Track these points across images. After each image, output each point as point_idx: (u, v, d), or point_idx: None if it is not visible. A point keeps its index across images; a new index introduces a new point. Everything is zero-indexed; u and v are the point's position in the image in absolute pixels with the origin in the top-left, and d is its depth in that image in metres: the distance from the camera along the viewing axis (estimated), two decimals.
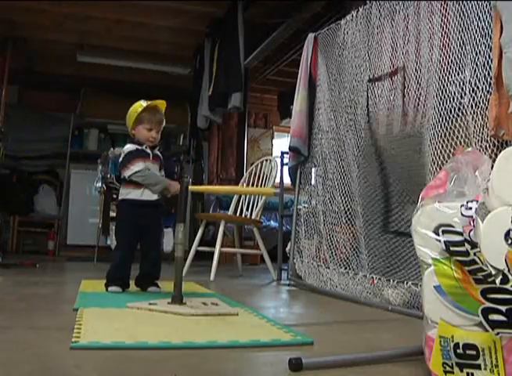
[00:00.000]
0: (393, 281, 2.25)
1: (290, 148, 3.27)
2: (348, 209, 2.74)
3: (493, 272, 0.97)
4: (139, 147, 2.48)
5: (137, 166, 2.41)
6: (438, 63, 2.13)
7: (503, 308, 0.94)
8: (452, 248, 1.00)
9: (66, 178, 6.14)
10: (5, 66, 5.32)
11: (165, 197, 2.52)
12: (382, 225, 2.53)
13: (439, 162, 2.03)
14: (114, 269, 2.42)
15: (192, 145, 6.45)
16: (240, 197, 4.01)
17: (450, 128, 2.04)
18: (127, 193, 2.47)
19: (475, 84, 1.93)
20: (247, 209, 3.88)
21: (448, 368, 1.01)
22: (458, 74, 2.01)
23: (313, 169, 3.21)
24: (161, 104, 2.55)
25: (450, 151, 2.02)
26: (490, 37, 1.85)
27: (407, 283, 2.15)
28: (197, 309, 1.84)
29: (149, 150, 2.50)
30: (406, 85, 2.33)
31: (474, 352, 0.98)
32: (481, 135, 1.89)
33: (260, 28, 5.02)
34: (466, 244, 0.99)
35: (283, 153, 3.68)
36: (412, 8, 2.34)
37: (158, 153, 2.56)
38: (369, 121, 2.58)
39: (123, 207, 2.54)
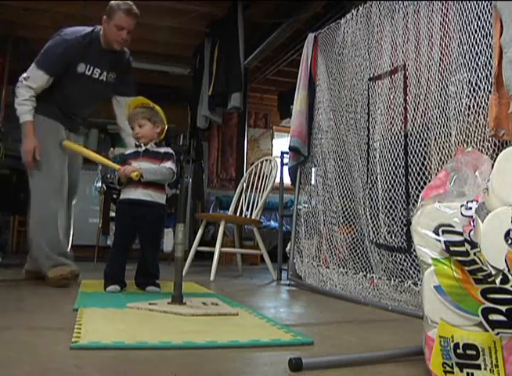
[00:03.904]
0: (394, 280, 2.25)
1: (290, 148, 3.27)
2: (347, 209, 2.74)
3: (493, 272, 0.97)
4: (131, 150, 2.57)
5: None
6: (440, 62, 2.14)
7: (503, 308, 0.94)
8: (452, 248, 1.00)
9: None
10: (5, 66, 5.32)
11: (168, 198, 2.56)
12: None
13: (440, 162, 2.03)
14: (108, 268, 2.45)
15: (192, 145, 6.45)
16: (240, 196, 4.01)
17: (451, 127, 2.04)
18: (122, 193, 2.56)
19: (476, 84, 1.93)
20: (247, 209, 3.88)
21: (448, 368, 1.01)
22: (460, 74, 2.01)
23: (313, 169, 3.21)
24: (133, 101, 2.58)
25: (451, 150, 2.02)
26: (492, 37, 1.85)
27: (407, 282, 2.16)
28: (197, 309, 1.84)
29: (141, 149, 2.52)
30: (408, 84, 2.33)
31: (474, 352, 0.98)
32: (482, 135, 1.89)
33: (260, 28, 5.02)
34: (466, 244, 0.99)
35: (282, 153, 3.68)
36: (412, 7, 2.34)
37: (151, 148, 2.53)
38: (369, 119, 2.58)
39: (117, 207, 2.61)
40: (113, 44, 2.65)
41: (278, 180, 3.80)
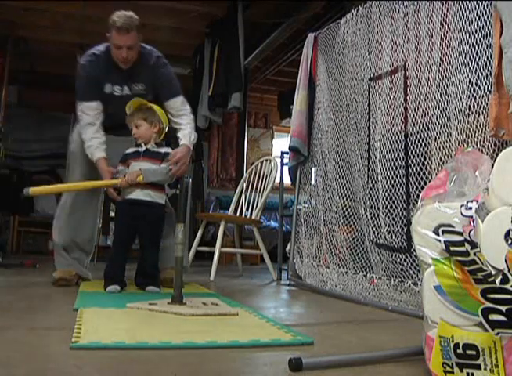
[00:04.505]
0: (394, 280, 2.25)
1: (290, 148, 3.27)
2: (347, 209, 2.74)
3: (493, 272, 0.97)
4: (131, 150, 2.54)
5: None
6: (440, 62, 2.14)
7: (503, 308, 0.94)
8: (452, 248, 1.00)
9: (66, 179, 6.15)
10: (5, 66, 5.33)
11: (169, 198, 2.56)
12: None
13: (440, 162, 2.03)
14: (108, 268, 2.45)
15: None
16: (240, 196, 4.01)
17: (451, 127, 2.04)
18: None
19: (476, 84, 1.93)
20: (247, 209, 3.88)
21: (448, 368, 1.01)
22: (460, 74, 2.01)
23: (313, 169, 3.21)
24: (133, 103, 2.56)
25: (452, 150, 2.03)
26: (492, 37, 1.85)
27: (407, 282, 2.16)
28: (197, 309, 1.84)
29: (141, 149, 2.51)
30: (409, 84, 2.33)
31: (474, 352, 0.98)
32: (482, 135, 1.89)
33: (260, 28, 5.02)
34: (466, 244, 0.99)
35: (282, 153, 3.68)
36: (412, 7, 2.35)
37: (152, 148, 2.51)
38: (369, 119, 2.58)
39: (117, 207, 2.60)
40: (118, 63, 2.57)
41: (278, 180, 3.80)
